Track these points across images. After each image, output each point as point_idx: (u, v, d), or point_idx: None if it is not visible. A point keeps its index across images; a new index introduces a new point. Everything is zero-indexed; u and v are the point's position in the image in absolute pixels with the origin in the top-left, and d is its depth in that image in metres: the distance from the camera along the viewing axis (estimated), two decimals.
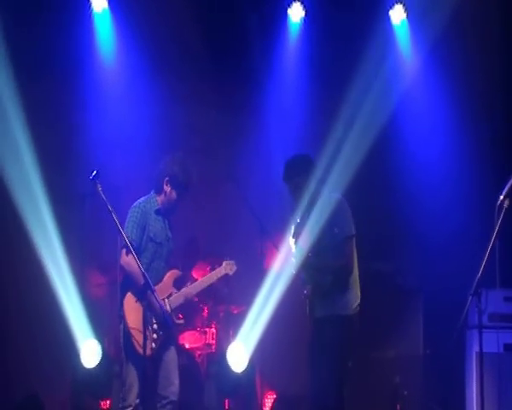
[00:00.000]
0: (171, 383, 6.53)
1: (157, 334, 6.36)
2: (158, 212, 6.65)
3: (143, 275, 5.95)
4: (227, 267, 7.14)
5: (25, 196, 8.32)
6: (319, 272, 6.50)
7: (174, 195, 6.64)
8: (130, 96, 9.11)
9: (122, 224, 6.20)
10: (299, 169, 6.58)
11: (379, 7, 9.18)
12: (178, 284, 6.72)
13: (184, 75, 9.21)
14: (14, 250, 8.68)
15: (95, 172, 5.97)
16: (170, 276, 6.66)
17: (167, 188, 6.64)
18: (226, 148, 9.51)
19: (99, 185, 5.96)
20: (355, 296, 6.52)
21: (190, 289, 6.75)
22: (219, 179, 8.71)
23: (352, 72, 8.68)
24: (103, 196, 5.94)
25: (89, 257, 8.75)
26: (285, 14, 9.29)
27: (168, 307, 6.57)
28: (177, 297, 6.65)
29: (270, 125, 9.32)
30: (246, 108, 9.47)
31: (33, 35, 8.48)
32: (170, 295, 6.61)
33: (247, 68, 9.23)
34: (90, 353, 8.19)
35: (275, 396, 8.93)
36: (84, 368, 8.18)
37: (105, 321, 8.35)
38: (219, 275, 7.10)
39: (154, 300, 6.11)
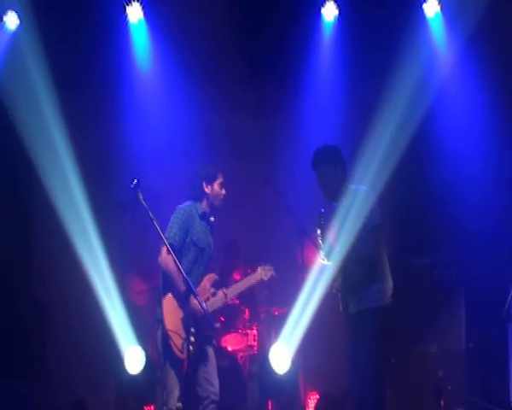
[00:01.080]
0: (211, 384, 6.55)
1: (194, 337, 6.35)
2: (202, 216, 6.68)
3: (184, 279, 6.05)
4: (262, 273, 7.17)
5: (67, 205, 8.46)
6: (349, 265, 6.48)
7: (218, 188, 6.69)
8: (167, 105, 9.20)
9: (163, 231, 6.25)
10: (324, 159, 6.68)
11: (412, 0, 9.12)
12: (215, 288, 6.75)
13: (219, 81, 9.23)
14: (58, 259, 8.80)
15: (135, 181, 6.00)
16: (207, 280, 6.68)
17: (208, 188, 6.68)
18: (263, 151, 9.53)
19: (140, 194, 6.01)
20: (387, 287, 6.51)
21: (226, 294, 6.77)
22: (258, 183, 8.73)
23: (387, 68, 8.65)
24: (145, 204, 5.99)
25: (130, 265, 8.82)
26: (318, 14, 9.26)
27: None
28: (215, 302, 6.67)
29: (307, 126, 9.31)
30: (282, 110, 9.48)
31: (71, 47, 8.57)
32: (207, 299, 6.61)
33: (282, 70, 9.23)
34: (133, 359, 8.29)
35: (318, 397, 8.92)
36: (128, 374, 8.28)
37: (147, 327, 8.38)
38: (254, 281, 7.15)
39: (196, 302, 6.17)
